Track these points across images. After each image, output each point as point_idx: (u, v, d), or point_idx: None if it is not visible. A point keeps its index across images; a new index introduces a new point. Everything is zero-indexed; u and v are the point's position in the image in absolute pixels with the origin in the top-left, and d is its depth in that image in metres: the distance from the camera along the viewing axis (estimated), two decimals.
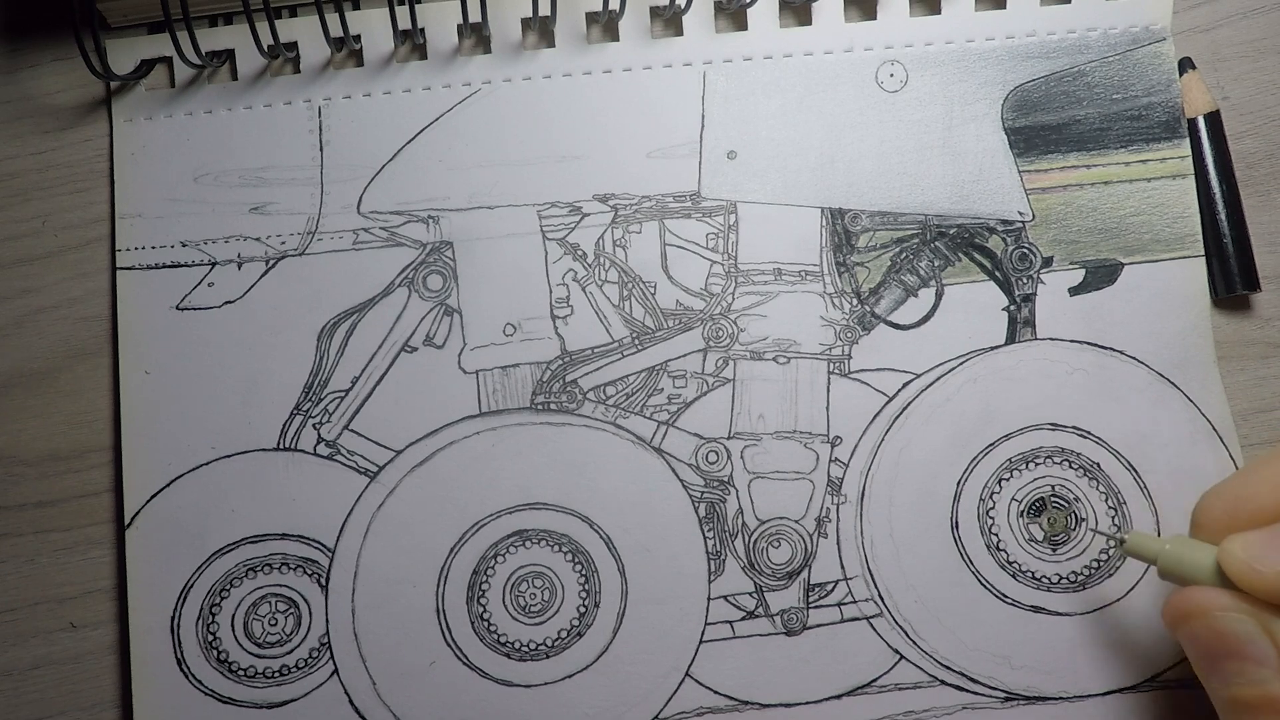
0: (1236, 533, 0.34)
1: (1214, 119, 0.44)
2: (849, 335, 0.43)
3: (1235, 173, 0.44)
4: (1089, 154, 0.44)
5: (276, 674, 0.41)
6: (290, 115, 0.44)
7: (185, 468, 0.42)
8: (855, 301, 0.43)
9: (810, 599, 0.42)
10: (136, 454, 0.42)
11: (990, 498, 0.42)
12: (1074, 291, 0.43)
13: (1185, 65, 0.44)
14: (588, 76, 0.44)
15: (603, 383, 0.43)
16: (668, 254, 0.44)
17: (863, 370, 0.43)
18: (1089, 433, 0.43)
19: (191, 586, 0.41)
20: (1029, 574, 0.42)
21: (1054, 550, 0.42)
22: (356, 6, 0.45)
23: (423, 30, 0.44)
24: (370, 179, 0.43)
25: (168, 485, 0.42)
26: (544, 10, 0.43)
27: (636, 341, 0.43)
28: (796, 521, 0.42)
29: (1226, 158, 0.44)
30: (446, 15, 0.44)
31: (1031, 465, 0.43)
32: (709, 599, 0.42)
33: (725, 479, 0.42)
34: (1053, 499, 0.42)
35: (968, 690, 0.41)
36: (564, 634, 0.42)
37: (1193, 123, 0.44)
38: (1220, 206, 0.43)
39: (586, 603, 0.42)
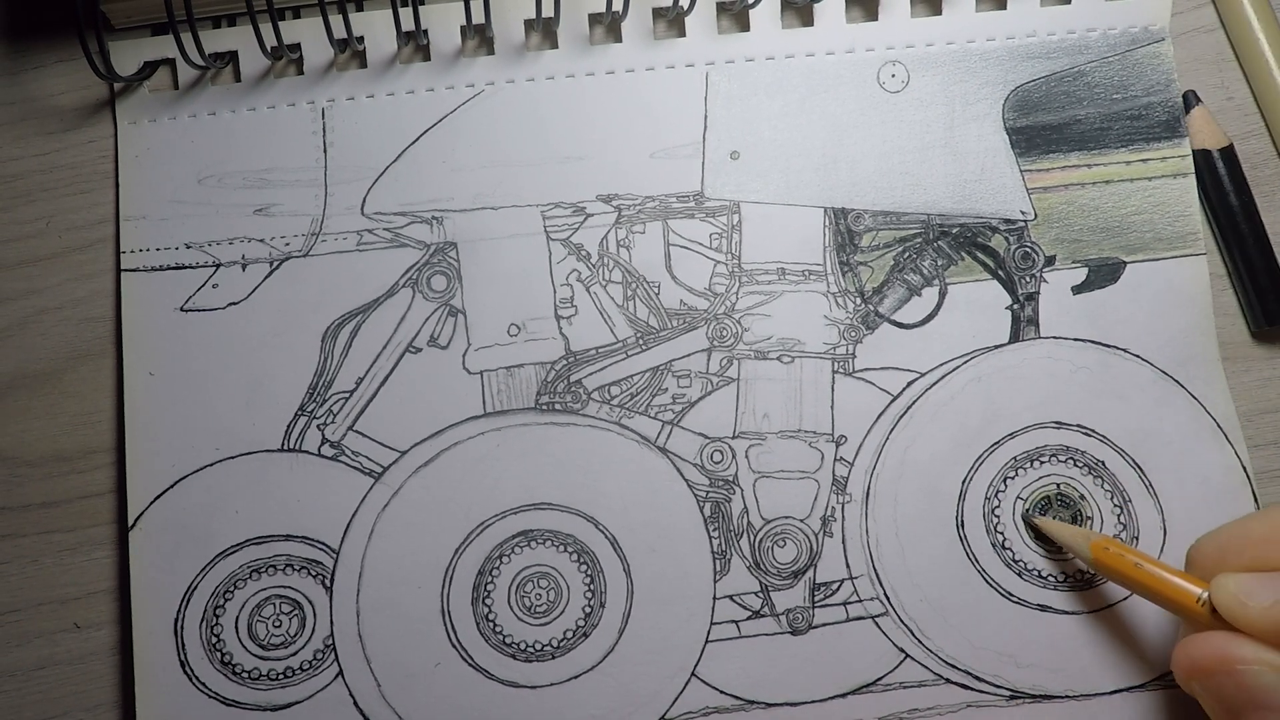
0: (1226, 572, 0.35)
1: (1229, 154, 0.44)
2: (853, 334, 0.43)
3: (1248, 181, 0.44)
4: (1090, 153, 0.44)
5: (281, 676, 0.41)
6: (294, 117, 0.44)
7: (189, 469, 0.42)
8: (859, 301, 0.43)
9: (816, 598, 0.42)
10: (140, 455, 0.42)
11: (995, 496, 0.42)
12: (1077, 290, 0.43)
13: (1191, 100, 0.44)
14: (590, 77, 0.44)
15: (607, 383, 0.43)
16: (671, 254, 0.44)
17: (867, 369, 0.43)
18: (1093, 431, 0.43)
19: (195, 588, 0.41)
20: (1034, 572, 0.42)
21: (1060, 548, 0.42)
22: (360, 8, 0.45)
23: (426, 32, 0.44)
24: (374, 180, 0.44)
25: (172, 486, 0.42)
26: (547, 11, 0.43)
27: (641, 341, 0.43)
28: (802, 521, 0.42)
29: (1247, 192, 0.44)
30: (449, 17, 0.44)
31: (1036, 464, 0.43)
32: (714, 599, 0.42)
33: (730, 478, 0.42)
34: (1058, 497, 0.42)
35: (973, 689, 0.41)
36: (569, 634, 0.42)
37: (1206, 155, 0.44)
38: (1249, 240, 0.43)
39: (592, 603, 0.42)
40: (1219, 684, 0.34)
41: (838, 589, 0.42)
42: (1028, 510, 0.42)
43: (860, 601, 0.42)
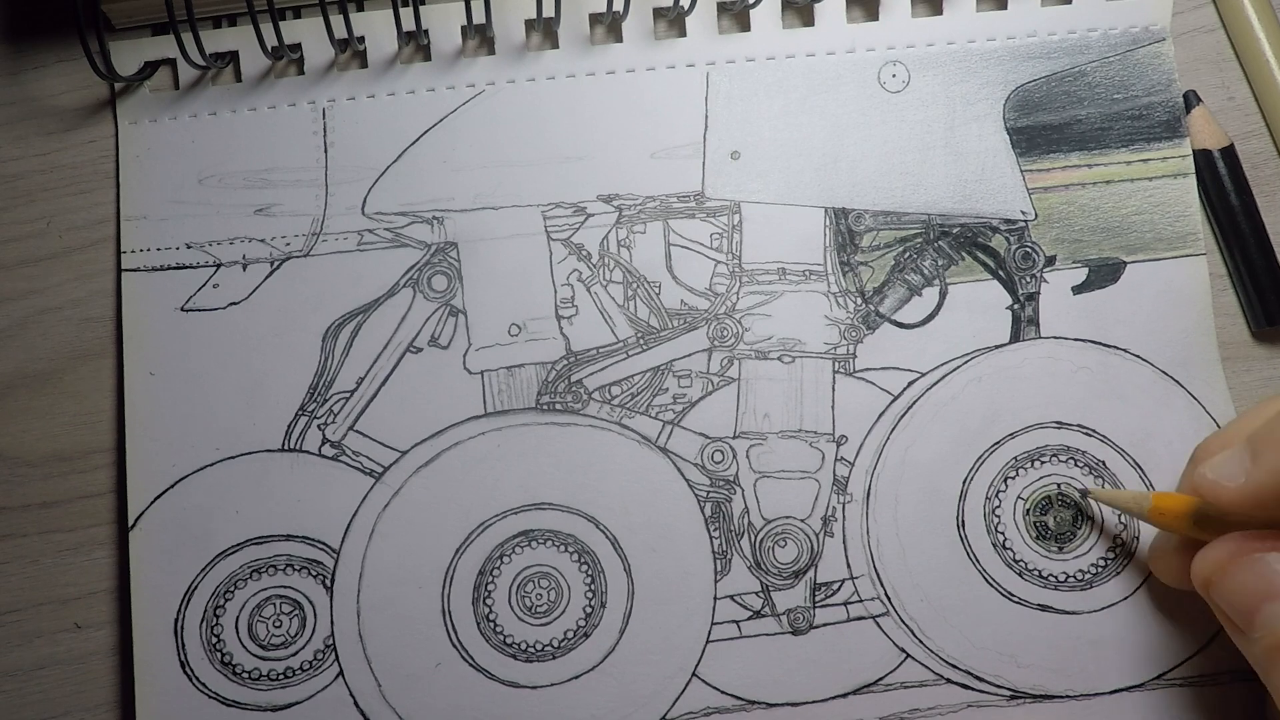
0: None
1: (1229, 154, 0.44)
2: (853, 334, 0.43)
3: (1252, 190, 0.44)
4: (1090, 153, 0.44)
5: (281, 676, 0.41)
6: (294, 117, 0.44)
7: (189, 469, 0.42)
8: (859, 301, 0.43)
9: (816, 598, 0.42)
10: (141, 455, 0.42)
11: (996, 496, 0.42)
12: (1077, 290, 0.44)
13: (1191, 99, 0.44)
14: (591, 78, 0.44)
15: (608, 383, 0.43)
16: (672, 254, 0.44)
17: (868, 369, 0.43)
18: (1094, 431, 0.43)
19: (195, 588, 0.41)
20: (1035, 572, 0.42)
21: (1060, 548, 0.42)
22: (360, 8, 0.45)
23: (426, 32, 0.44)
24: (375, 180, 0.44)
25: (172, 486, 0.42)
26: (548, 11, 0.43)
27: (641, 341, 0.43)
28: (802, 521, 0.42)
29: (1247, 192, 0.44)
30: (450, 17, 0.44)
31: (1037, 464, 0.43)
32: (715, 599, 0.42)
33: (731, 478, 0.42)
34: (1059, 497, 0.42)
35: (974, 689, 0.41)
36: (570, 635, 0.42)
37: (1207, 155, 0.44)
38: (1250, 240, 0.43)
39: (593, 603, 0.42)
40: (1236, 578, 0.33)
41: (838, 589, 0.42)
42: (1082, 491, 0.42)
43: (861, 601, 0.42)
